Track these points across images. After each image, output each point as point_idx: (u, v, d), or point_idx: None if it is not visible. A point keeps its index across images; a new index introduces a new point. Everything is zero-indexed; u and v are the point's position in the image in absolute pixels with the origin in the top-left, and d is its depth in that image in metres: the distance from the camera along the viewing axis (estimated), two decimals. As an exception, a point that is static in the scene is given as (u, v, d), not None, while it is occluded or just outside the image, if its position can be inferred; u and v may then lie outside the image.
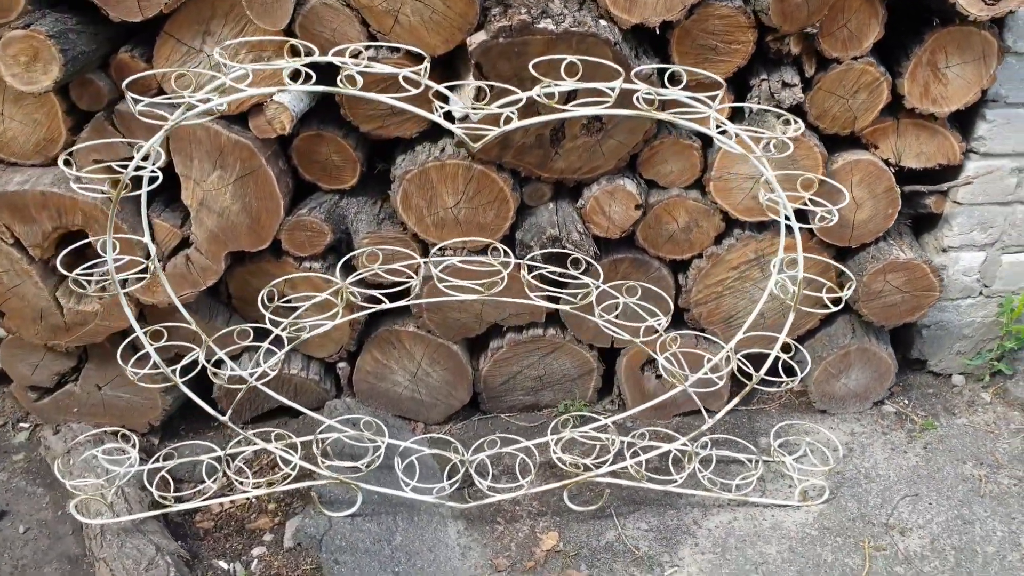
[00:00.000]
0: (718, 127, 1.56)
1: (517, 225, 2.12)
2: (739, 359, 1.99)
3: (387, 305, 1.93)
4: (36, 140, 2.00)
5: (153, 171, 1.63)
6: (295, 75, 1.54)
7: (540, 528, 2.16)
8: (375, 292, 1.88)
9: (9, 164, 2.05)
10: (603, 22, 1.76)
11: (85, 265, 1.78)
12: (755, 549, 2.07)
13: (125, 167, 1.64)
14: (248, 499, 2.20)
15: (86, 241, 1.97)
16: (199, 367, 1.97)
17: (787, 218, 1.72)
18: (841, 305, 1.88)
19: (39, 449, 2.43)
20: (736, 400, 1.99)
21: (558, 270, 1.93)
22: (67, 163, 1.62)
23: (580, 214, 2.09)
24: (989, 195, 2.13)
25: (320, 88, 1.48)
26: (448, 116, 1.58)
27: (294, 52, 1.55)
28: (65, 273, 1.73)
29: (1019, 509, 2.12)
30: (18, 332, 2.22)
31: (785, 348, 1.93)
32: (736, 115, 2.03)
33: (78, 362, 2.37)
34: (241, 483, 2.09)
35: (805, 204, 1.77)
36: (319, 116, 2.04)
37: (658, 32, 1.81)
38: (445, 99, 1.80)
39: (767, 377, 1.92)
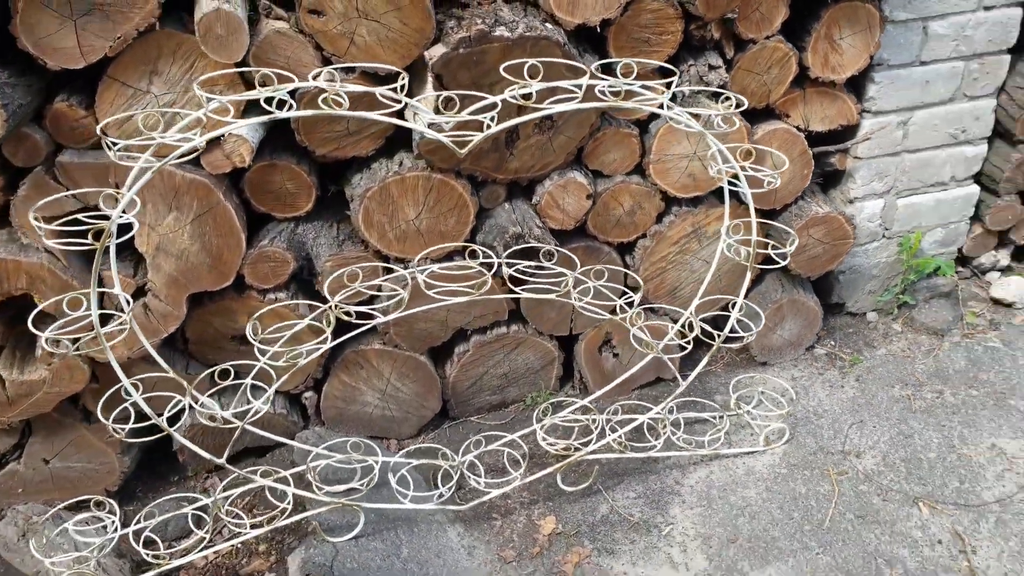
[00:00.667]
0: (673, 110, 1.71)
1: (477, 229, 2.19)
2: (700, 323, 2.15)
3: (381, 320, 1.95)
4: (-36, 205, 1.87)
5: (130, 219, 1.57)
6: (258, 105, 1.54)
7: (536, 515, 2.23)
8: (364, 308, 1.90)
9: (-66, 235, 1.91)
10: (549, 25, 1.86)
11: (55, 325, 1.69)
12: (736, 495, 2.24)
13: (92, 219, 1.59)
14: (233, 546, 2.14)
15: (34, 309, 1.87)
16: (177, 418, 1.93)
17: (733, 184, 1.90)
18: (788, 260, 2.08)
19: (-16, 539, 2.25)
20: (705, 360, 2.15)
21: (535, 264, 2.02)
22: (35, 220, 1.55)
23: (536, 210, 2.19)
24: (882, 148, 2.41)
25: (306, 112, 1.50)
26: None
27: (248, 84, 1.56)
28: (38, 333, 1.63)
29: (946, 417, 2.41)
30: (-46, 415, 2.06)
31: (731, 307, 2.12)
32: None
33: (20, 438, 2.22)
34: (238, 526, 2.04)
35: (744, 170, 1.94)
36: (270, 145, 2.03)
37: (599, 30, 1.94)
38: (401, 115, 1.85)
39: (730, 335, 2.10)
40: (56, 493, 2.26)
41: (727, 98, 1.80)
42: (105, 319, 1.97)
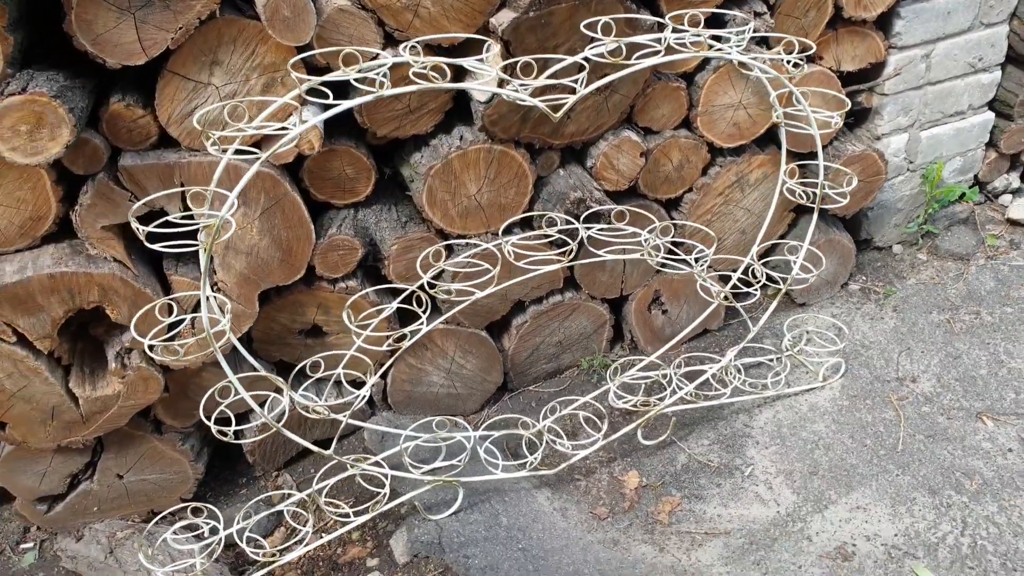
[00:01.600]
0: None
1: (534, 198, 2.19)
2: (762, 266, 2.20)
3: (479, 294, 1.95)
4: (21, 221, 1.78)
5: (227, 218, 1.53)
6: (310, 92, 1.52)
7: (617, 472, 2.27)
8: (461, 286, 1.89)
9: (-12, 256, 1.82)
10: (607, -18, 1.87)
11: (153, 331, 1.64)
12: (807, 430, 2.31)
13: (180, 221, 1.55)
14: (329, 537, 2.13)
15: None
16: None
17: (794, 126, 1.93)
18: (847, 199, 2.13)
19: (60, 564, 2.20)
20: (774, 304, 2.21)
21: (608, 227, 2.04)
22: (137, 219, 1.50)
23: (591, 173, 2.20)
24: (907, 82, 2.49)
25: (409, 89, 1.48)
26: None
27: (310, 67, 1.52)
28: (142, 340, 1.59)
29: (988, 336, 2.52)
30: (24, 440, 1.99)
31: (786, 250, 2.16)
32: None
33: (92, 456, 2.16)
34: (341, 516, 2.03)
35: (777, 117, 1.98)
36: (327, 130, 1.99)
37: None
38: (464, 78, 1.84)
39: (782, 277, 2.15)
40: (132, 507, 2.22)
41: (791, 43, 1.83)
42: (177, 325, 1.92)
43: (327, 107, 1.54)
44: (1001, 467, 2.11)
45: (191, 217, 1.62)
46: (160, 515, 2.05)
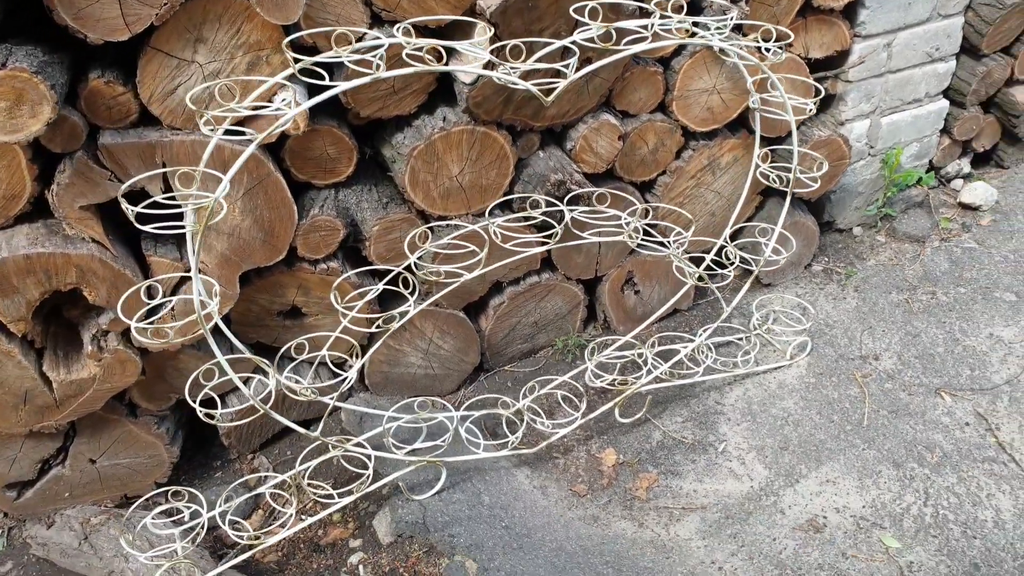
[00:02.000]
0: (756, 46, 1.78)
1: (514, 180, 2.21)
2: (735, 248, 2.26)
3: (467, 276, 1.96)
4: (-6, 201, 1.74)
5: (219, 200, 1.51)
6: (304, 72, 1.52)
7: (595, 450, 2.32)
8: (449, 268, 1.90)
9: (-40, 236, 1.77)
10: (592, -33, 1.88)
11: (139, 313, 1.62)
12: (776, 407, 2.39)
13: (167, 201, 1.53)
14: (308, 519, 2.13)
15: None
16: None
17: (754, 110, 1.99)
18: (818, 183, 2.20)
19: (30, 551, 2.16)
20: (747, 285, 2.27)
21: (591, 209, 2.07)
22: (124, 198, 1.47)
23: (571, 156, 2.23)
24: (870, 70, 2.57)
25: (404, 71, 1.48)
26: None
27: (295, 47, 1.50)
28: (129, 323, 1.56)
29: (944, 315, 2.64)
30: (-7, 426, 1.94)
31: (757, 232, 2.22)
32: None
33: (64, 441, 2.12)
34: (325, 497, 2.03)
35: (754, 104, 2.04)
36: (309, 110, 1.97)
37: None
38: (448, 59, 1.84)
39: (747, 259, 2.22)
40: (105, 493, 2.18)
41: (769, 30, 1.88)
42: (158, 307, 1.89)
43: (318, 87, 1.53)
44: (959, 440, 2.22)
45: (175, 197, 1.59)
46: (140, 499, 2.02)
